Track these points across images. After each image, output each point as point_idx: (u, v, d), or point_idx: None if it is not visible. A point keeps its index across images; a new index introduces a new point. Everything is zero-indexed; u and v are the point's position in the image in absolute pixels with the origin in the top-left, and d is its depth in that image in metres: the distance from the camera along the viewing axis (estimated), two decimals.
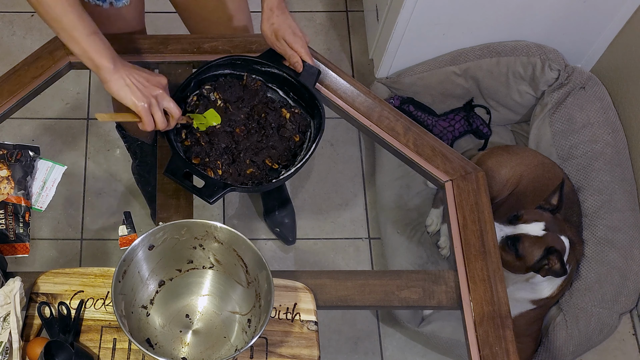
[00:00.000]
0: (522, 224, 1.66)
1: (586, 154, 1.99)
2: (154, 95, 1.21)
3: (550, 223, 1.66)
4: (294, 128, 1.36)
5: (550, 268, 1.61)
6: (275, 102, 1.39)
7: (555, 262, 1.59)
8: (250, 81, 1.39)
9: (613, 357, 1.99)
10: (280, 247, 2.13)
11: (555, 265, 1.60)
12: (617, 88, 2.10)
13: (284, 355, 1.19)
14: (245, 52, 1.44)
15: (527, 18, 2.04)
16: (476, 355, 1.20)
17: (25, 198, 1.37)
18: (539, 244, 1.62)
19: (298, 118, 1.37)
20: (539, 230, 1.64)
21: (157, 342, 1.18)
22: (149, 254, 1.17)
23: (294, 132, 1.35)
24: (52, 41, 1.44)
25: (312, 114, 1.37)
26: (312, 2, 2.57)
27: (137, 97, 1.19)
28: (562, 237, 1.67)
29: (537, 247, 1.62)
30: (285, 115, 1.36)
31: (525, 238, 1.63)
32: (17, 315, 1.16)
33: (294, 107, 1.39)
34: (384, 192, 2.09)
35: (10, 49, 2.41)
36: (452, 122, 2.17)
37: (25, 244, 1.35)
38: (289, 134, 1.35)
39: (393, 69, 2.22)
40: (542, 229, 1.65)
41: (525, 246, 1.63)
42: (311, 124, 1.37)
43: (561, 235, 1.67)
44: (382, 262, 2.09)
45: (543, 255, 1.61)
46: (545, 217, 1.67)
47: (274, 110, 1.37)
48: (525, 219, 1.67)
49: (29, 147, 1.44)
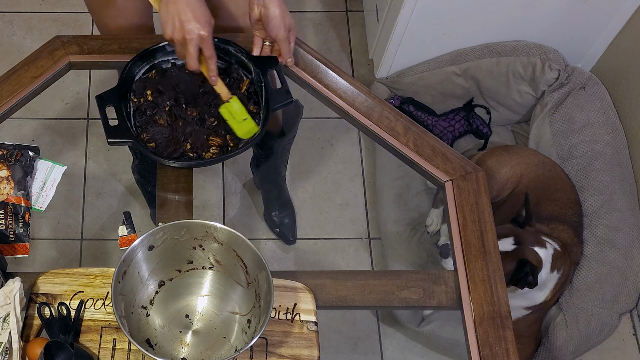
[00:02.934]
0: None
1: (586, 154, 1.99)
2: (181, 37, 1.19)
3: (521, 236, 1.67)
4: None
5: (525, 280, 1.61)
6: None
7: (528, 274, 1.60)
8: None
9: (613, 357, 1.99)
10: (280, 247, 2.13)
11: (528, 277, 1.61)
12: (617, 88, 2.10)
13: (283, 355, 1.19)
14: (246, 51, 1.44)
15: (527, 18, 2.04)
16: (476, 356, 1.20)
17: (25, 198, 1.37)
18: (510, 258, 1.63)
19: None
20: (509, 245, 1.66)
21: (157, 342, 1.18)
22: (149, 254, 1.17)
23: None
24: (52, 41, 1.44)
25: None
26: (312, 2, 2.57)
27: (168, 28, 1.18)
28: (536, 248, 1.67)
29: (509, 261, 1.63)
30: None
31: None
32: (17, 316, 1.16)
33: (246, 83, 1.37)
34: (384, 192, 2.09)
35: (10, 49, 2.41)
36: (452, 122, 2.17)
37: (25, 244, 1.35)
38: None
39: (393, 69, 2.22)
40: (512, 244, 1.66)
41: None
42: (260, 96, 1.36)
43: (535, 246, 1.67)
44: (382, 262, 2.09)
45: (516, 268, 1.62)
46: (514, 232, 1.68)
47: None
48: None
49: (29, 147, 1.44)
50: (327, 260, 2.11)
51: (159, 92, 1.34)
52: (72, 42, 1.44)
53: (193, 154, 1.30)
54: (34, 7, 2.50)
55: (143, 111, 1.33)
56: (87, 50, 1.44)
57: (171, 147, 1.30)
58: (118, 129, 1.25)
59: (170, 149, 1.30)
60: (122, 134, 1.25)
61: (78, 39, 1.45)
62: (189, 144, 1.31)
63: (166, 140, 1.31)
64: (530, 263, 1.61)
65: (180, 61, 1.37)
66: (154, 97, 1.34)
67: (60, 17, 2.47)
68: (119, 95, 1.30)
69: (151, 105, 1.33)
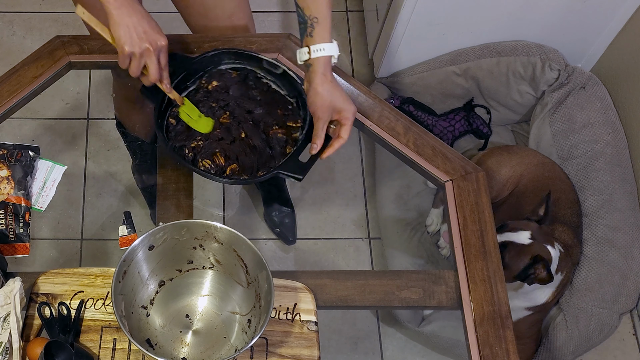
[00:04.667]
0: (509, 232, 1.66)
1: (586, 153, 1.99)
2: (145, 48, 1.18)
3: (537, 233, 1.67)
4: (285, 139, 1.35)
5: (536, 277, 1.61)
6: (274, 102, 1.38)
7: (541, 271, 1.59)
8: (250, 76, 1.40)
9: (613, 357, 1.99)
10: (280, 247, 2.13)
11: (541, 273, 1.60)
12: (617, 88, 2.10)
13: (284, 355, 1.19)
14: None
15: (527, 18, 2.04)
16: (476, 356, 1.20)
17: (25, 198, 1.37)
18: (525, 252, 1.62)
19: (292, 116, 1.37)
20: (526, 238, 1.65)
21: (157, 342, 1.18)
22: (149, 254, 1.17)
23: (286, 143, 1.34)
24: (52, 41, 1.44)
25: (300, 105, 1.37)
26: None
27: (127, 41, 1.17)
28: (549, 247, 1.67)
29: (524, 255, 1.62)
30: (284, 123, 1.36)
31: (511, 246, 1.63)
32: (17, 316, 1.16)
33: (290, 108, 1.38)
34: (384, 192, 2.09)
35: (10, 49, 2.41)
36: (452, 122, 2.17)
37: (25, 244, 1.35)
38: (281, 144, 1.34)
39: (393, 69, 2.22)
40: (529, 238, 1.65)
41: (512, 254, 1.63)
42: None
43: (547, 245, 1.67)
44: (382, 262, 2.09)
45: (529, 264, 1.61)
46: (531, 227, 1.67)
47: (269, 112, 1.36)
48: (512, 227, 1.67)
49: (29, 147, 1.44)
50: (327, 260, 2.11)
51: (224, 90, 1.37)
52: (72, 42, 1.44)
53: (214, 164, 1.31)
54: (34, 7, 2.50)
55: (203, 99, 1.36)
56: (87, 50, 1.44)
57: (208, 149, 1.31)
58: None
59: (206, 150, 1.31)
60: None
61: (78, 39, 1.45)
62: (221, 155, 1.31)
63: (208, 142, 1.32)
64: (545, 260, 1.60)
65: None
66: (216, 92, 1.37)
67: (60, 17, 2.47)
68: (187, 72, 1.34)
69: (212, 98, 1.36)
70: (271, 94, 1.38)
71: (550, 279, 1.59)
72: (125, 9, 1.17)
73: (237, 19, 1.56)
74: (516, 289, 1.71)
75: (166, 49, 1.22)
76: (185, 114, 1.33)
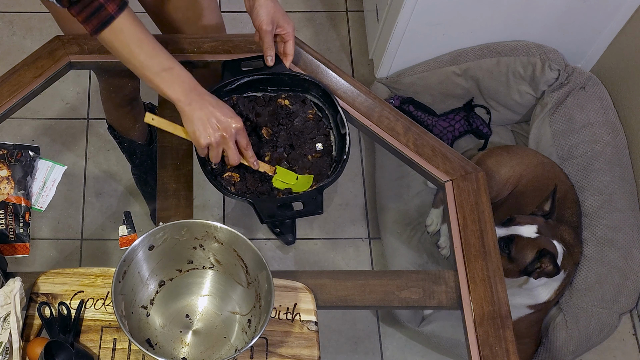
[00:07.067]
0: (516, 225, 1.67)
1: (586, 153, 1.99)
2: (220, 136, 1.19)
3: (543, 227, 1.68)
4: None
5: (542, 270, 1.61)
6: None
7: (547, 264, 1.60)
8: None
9: (613, 357, 1.99)
10: (280, 247, 2.13)
11: (547, 267, 1.61)
12: (617, 88, 2.10)
13: (284, 355, 1.19)
14: (246, 53, 1.44)
15: (527, 18, 2.04)
16: (476, 356, 1.20)
17: (25, 198, 1.37)
18: (532, 245, 1.63)
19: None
20: (532, 232, 1.66)
21: (157, 342, 1.18)
22: (149, 254, 1.17)
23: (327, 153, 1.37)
24: (52, 41, 1.44)
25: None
26: (312, 2, 2.57)
27: (202, 135, 1.18)
28: (554, 242, 1.68)
29: (530, 248, 1.63)
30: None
31: (518, 239, 1.64)
32: (17, 316, 1.16)
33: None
34: (384, 192, 2.09)
35: (10, 49, 2.41)
36: (452, 122, 2.17)
37: (25, 244, 1.35)
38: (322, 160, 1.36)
39: (393, 69, 2.22)
40: (535, 232, 1.66)
41: (519, 248, 1.63)
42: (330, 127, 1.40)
43: (553, 240, 1.68)
44: (382, 262, 2.09)
45: (536, 257, 1.62)
46: (538, 221, 1.68)
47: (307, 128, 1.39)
48: (519, 221, 1.68)
49: (29, 147, 1.44)
50: (327, 260, 2.11)
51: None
52: (72, 42, 1.44)
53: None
54: (34, 7, 2.50)
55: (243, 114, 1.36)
56: (87, 50, 1.44)
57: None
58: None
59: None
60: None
61: (78, 39, 1.45)
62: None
63: None
64: (552, 253, 1.61)
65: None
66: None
67: None
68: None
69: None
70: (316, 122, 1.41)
71: (557, 272, 1.60)
72: (196, 103, 1.18)
73: (207, 20, 1.56)
74: (521, 284, 1.71)
75: (242, 130, 1.21)
76: (279, 182, 1.31)
